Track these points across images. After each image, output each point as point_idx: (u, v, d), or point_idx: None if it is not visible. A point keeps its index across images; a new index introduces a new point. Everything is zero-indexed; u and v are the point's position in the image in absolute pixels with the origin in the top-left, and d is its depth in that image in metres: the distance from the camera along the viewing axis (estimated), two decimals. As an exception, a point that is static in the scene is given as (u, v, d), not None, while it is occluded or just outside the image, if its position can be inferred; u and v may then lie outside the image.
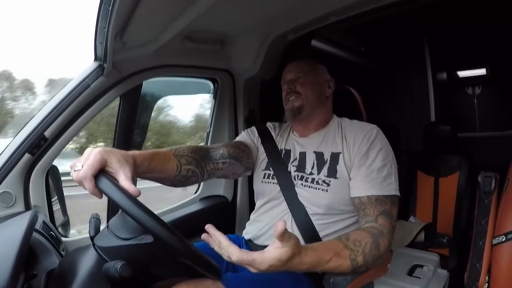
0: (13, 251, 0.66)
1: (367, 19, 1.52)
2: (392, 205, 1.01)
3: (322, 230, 1.09)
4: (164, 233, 0.65)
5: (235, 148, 1.18)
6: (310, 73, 1.21)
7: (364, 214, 1.00)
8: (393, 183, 1.04)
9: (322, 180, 1.10)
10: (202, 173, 1.05)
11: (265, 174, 1.21)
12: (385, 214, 0.98)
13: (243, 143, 1.24)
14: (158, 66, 1.45)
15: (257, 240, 1.19)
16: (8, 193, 1.13)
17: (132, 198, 0.66)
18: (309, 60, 1.26)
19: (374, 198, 1.00)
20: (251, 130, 1.33)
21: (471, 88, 4.11)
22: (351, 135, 1.12)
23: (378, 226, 0.95)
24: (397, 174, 1.07)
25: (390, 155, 1.08)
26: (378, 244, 0.92)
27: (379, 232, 0.94)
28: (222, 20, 1.33)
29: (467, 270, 1.28)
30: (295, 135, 1.26)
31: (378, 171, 1.03)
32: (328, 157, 1.13)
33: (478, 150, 2.78)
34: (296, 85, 1.19)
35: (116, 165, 0.73)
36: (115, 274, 0.65)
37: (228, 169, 1.13)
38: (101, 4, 0.90)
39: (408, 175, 2.49)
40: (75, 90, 1.21)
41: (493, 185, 1.27)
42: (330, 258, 0.84)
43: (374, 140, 1.08)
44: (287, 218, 1.12)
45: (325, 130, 1.21)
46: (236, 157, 1.16)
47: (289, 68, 1.25)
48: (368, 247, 0.90)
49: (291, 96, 1.19)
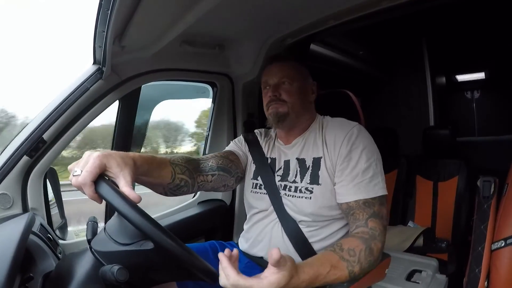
0: (10, 253, 0.66)
1: (366, 23, 1.53)
2: (380, 205, 0.99)
3: (311, 237, 1.08)
4: (165, 240, 0.65)
5: (224, 159, 1.16)
6: (296, 80, 1.15)
7: (353, 219, 0.99)
8: (380, 183, 1.01)
9: (305, 187, 1.08)
10: (193, 184, 1.05)
11: (253, 184, 1.20)
12: (375, 216, 0.97)
13: (232, 152, 1.22)
14: (156, 70, 1.46)
15: (250, 251, 1.19)
16: (5, 195, 1.13)
17: (133, 204, 0.66)
18: (292, 62, 1.19)
19: (362, 202, 0.99)
20: (239, 139, 1.31)
21: (470, 92, 4.12)
22: (331, 137, 1.09)
23: (369, 230, 0.94)
24: (383, 171, 1.04)
25: (374, 154, 1.04)
26: (371, 249, 0.91)
27: (371, 236, 0.93)
28: (221, 24, 1.33)
29: (466, 275, 1.28)
30: (280, 143, 1.23)
31: (363, 173, 1.01)
32: (310, 163, 1.11)
33: (477, 155, 2.78)
34: (281, 92, 1.13)
35: (116, 169, 0.72)
36: (111, 278, 0.65)
37: (217, 181, 1.12)
38: (100, 7, 0.90)
39: (407, 179, 2.50)
40: (74, 93, 1.21)
41: (492, 190, 1.27)
42: (327, 272, 0.83)
43: (355, 140, 1.04)
44: (277, 228, 1.11)
45: (306, 134, 1.17)
46: (224, 169, 1.14)
47: (272, 71, 1.17)
48: (363, 254, 0.89)
49: (275, 104, 1.13)
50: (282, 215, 1.10)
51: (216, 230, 1.79)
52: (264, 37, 1.55)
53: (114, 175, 0.72)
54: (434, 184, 2.40)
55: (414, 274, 1.51)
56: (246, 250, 1.20)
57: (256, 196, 1.17)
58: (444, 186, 2.36)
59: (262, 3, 1.19)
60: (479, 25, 2.89)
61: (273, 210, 1.12)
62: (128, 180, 0.72)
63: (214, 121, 1.82)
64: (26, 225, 0.82)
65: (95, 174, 0.68)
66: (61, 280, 0.72)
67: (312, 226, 1.08)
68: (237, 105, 1.83)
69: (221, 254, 0.76)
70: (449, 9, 2.52)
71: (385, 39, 3.19)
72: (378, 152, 1.06)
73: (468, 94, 4.12)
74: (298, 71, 1.18)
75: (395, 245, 2.02)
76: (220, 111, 1.82)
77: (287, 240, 1.08)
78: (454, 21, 2.85)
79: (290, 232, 1.08)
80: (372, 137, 1.08)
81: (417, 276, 1.49)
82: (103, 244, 0.73)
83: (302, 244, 1.07)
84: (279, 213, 1.11)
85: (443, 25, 2.99)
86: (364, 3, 1.24)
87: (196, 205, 1.81)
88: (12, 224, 0.92)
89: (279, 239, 1.10)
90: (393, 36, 3.19)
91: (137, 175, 0.82)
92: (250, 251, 1.19)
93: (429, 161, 2.46)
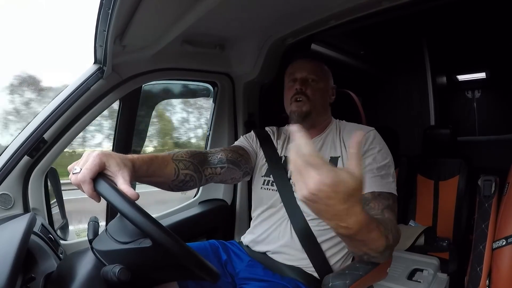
0: (11, 254, 0.65)
1: (366, 23, 1.53)
2: (394, 202, 1.00)
3: (320, 236, 1.08)
4: (162, 237, 0.64)
5: (234, 153, 1.16)
6: (322, 79, 1.19)
7: (369, 208, 0.96)
8: (392, 183, 1.03)
9: None
10: (200, 178, 1.04)
11: (264, 181, 1.21)
12: (390, 209, 0.97)
13: (242, 147, 1.23)
14: (157, 69, 1.45)
15: (255, 247, 1.19)
16: (6, 195, 1.13)
17: (131, 201, 0.66)
18: (320, 61, 1.23)
19: (377, 194, 0.99)
20: (250, 135, 1.31)
21: (471, 92, 4.11)
22: (349, 138, 1.12)
23: (386, 219, 0.93)
24: (395, 177, 1.06)
25: (388, 157, 1.07)
26: (397, 228, 0.89)
27: (391, 220, 0.92)
28: (222, 24, 1.33)
29: (468, 274, 1.28)
30: None
31: (378, 169, 1.03)
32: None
33: (478, 154, 2.78)
34: (308, 88, 1.17)
35: (115, 168, 0.72)
36: (113, 278, 0.65)
37: (226, 174, 1.12)
38: (101, 7, 0.90)
39: (408, 179, 2.50)
40: (75, 93, 1.21)
41: (493, 189, 1.27)
42: (374, 227, 0.74)
43: (372, 142, 1.08)
44: (285, 225, 1.12)
45: (324, 134, 1.20)
46: (234, 162, 1.14)
47: (301, 65, 1.21)
48: (394, 227, 0.88)
49: (299, 97, 1.16)
50: (292, 212, 1.11)
51: (217, 230, 1.79)
52: (265, 37, 1.55)
53: (112, 174, 0.72)
54: (435, 183, 2.40)
55: (415, 273, 1.51)
56: (251, 247, 1.21)
57: (267, 193, 1.18)
58: (445, 185, 2.36)
59: (263, 3, 1.19)
60: (480, 25, 2.88)
61: (283, 207, 1.13)
62: (127, 179, 0.72)
63: (215, 121, 1.82)
64: (27, 226, 0.81)
65: (94, 172, 0.69)
66: (62, 281, 0.72)
67: (323, 224, 1.08)
68: (238, 105, 1.83)
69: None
70: (449, 8, 2.51)
71: (386, 39, 3.18)
72: (391, 157, 1.09)
73: (469, 93, 4.11)
74: (324, 71, 1.22)
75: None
76: (220, 111, 1.82)
77: (295, 237, 1.09)
78: (454, 21, 2.85)
79: (299, 229, 1.09)
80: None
81: (418, 275, 1.49)
82: (103, 243, 0.73)
83: (309, 242, 1.07)
84: (289, 209, 1.11)
85: (444, 24, 2.98)
86: (365, 3, 1.24)
87: (197, 205, 1.81)
88: (14, 225, 0.92)
89: (287, 236, 1.11)
90: (394, 35, 3.18)
91: (137, 177, 0.83)
92: (254, 248, 1.19)
93: (429, 160, 2.46)
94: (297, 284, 1.03)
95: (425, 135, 2.48)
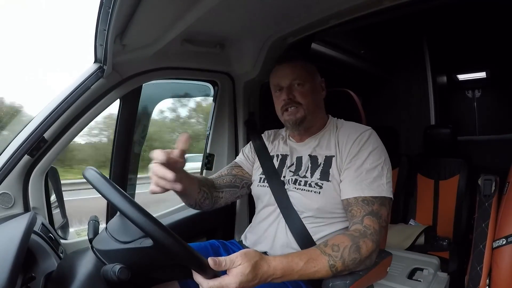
0: (11, 253, 0.65)
1: (367, 22, 1.53)
2: (381, 205, 0.99)
3: (315, 234, 1.08)
4: (163, 237, 0.64)
5: (227, 177, 1.26)
6: (308, 80, 1.16)
7: (351, 216, 0.99)
8: (384, 185, 1.01)
9: (315, 182, 1.09)
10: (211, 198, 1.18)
11: (260, 178, 1.23)
12: (372, 215, 0.96)
13: (236, 165, 1.31)
14: (158, 68, 1.45)
15: (255, 247, 1.19)
16: (7, 194, 1.13)
17: (132, 201, 0.66)
18: (301, 61, 1.19)
19: (361, 199, 0.99)
20: (247, 146, 1.38)
21: (471, 91, 4.10)
22: (344, 137, 1.11)
23: (363, 227, 0.94)
24: (391, 177, 1.06)
25: (382, 157, 1.06)
26: (358, 247, 0.90)
27: (362, 234, 0.93)
28: (222, 23, 1.33)
29: (468, 273, 1.28)
30: (292, 141, 1.26)
31: (368, 172, 1.02)
32: (322, 160, 1.13)
33: (478, 153, 2.78)
34: (296, 95, 1.14)
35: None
36: (113, 277, 0.65)
37: (227, 196, 1.23)
38: (101, 6, 0.90)
39: (408, 178, 2.50)
40: (75, 92, 1.21)
41: (493, 188, 1.27)
42: (305, 263, 0.84)
43: (366, 142, 1.06)
44: (281, 225, 1.12)
45: (321, 133, 1.20)
46: (229, 185, 1.24)
47: (283, 73, 1.17)
48: (347, 251, 0.89)
49: (290, 106, 1.14)
50: (286, 211, 1.11)
51: (218, 230, 1.79)
52: (265, 36, 1.54)
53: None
54: (435, 182, 2.40)
55: (415, 272, 1.51)
56: (250, 246, 1.21)
57: (262, 190, 1.20)
58: (445, 185, 2.36)
59: (263, 2, 1.19)
60: (480, 24, 2.88)
61: (277, 207, 1.13)
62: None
63: (215, 120, 1.82)
64: (28, 225, 0.82)
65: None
66: (63, 280, 0.72)
67: (316, 222, 1.08)
68: (238, 104, 1.82)
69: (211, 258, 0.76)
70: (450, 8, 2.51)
71: (386, 38, 3.18)
72: (387, 157, 1.08)
73: (469, 93, 4.11)
74: (308, 70, 1.18)
75: (397, 243, 2.03)
76: (221, 110, 1.82)
77: (291, 236, 1.09)
78: (455, 20, 2.85)
79: (294, 228, 1.09)
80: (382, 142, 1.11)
81: (418, 274, 1.49)
82: (103, 242, 0.73)
83: (306, 241, 1.07)
84: (283, 209, 1.12)
85: (444, 24, 2.98)
86: (365, 2, 1.24)
87: (197, 204, 1.80)
88: (14, 224, 0.92)
89: (283, 236, 1.10)
90: (394, 35, 3.18)
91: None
92: (254, 247, 1.19)
93: (430, 159, 2.46)
94: (298, 283, 1.03)
95: (425, 135, 2.48)
